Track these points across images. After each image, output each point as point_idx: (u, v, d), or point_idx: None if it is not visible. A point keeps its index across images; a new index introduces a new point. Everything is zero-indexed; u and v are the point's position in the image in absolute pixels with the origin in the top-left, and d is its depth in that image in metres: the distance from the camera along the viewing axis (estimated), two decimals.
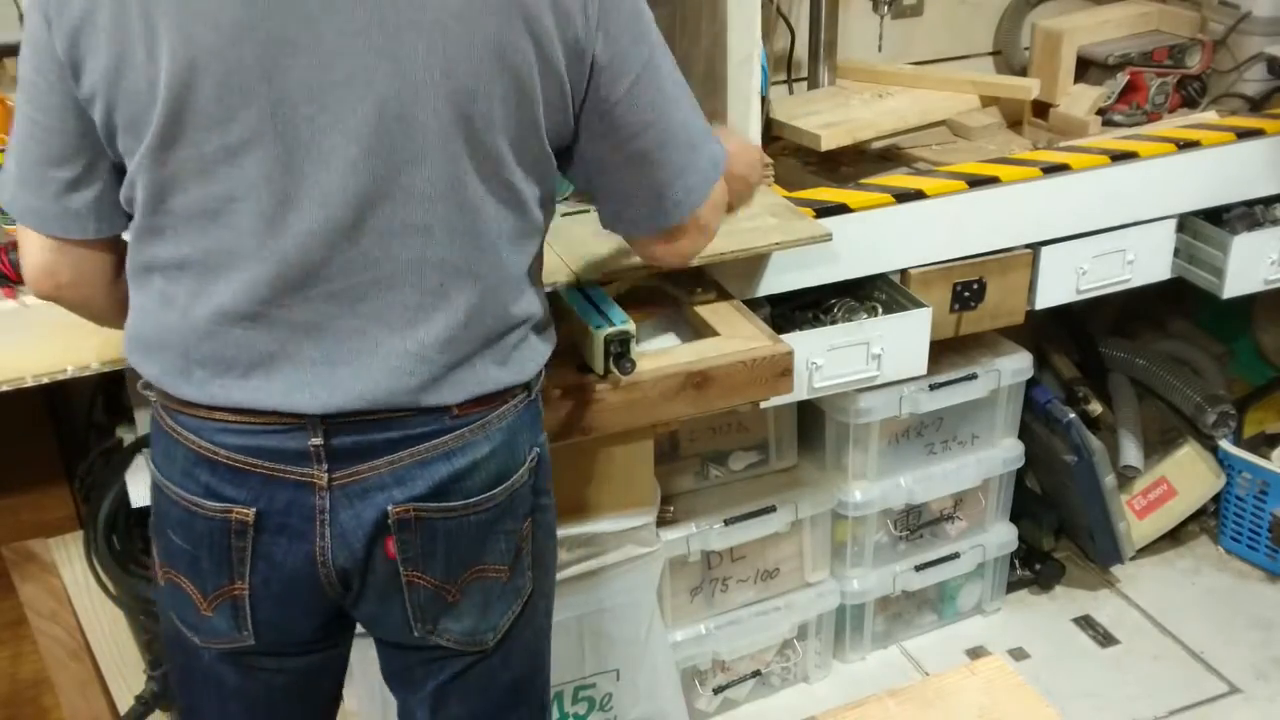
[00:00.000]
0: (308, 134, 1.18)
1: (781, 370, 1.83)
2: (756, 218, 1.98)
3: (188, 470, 1.30)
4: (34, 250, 1.31)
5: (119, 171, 1.27)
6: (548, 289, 1.75)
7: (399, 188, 1.21)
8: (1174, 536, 2.90)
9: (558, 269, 1.83)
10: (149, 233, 1.26)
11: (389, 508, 1.28)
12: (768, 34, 2.38)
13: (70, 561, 1.97)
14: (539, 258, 1.38)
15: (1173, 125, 2.49)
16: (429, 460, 1.29)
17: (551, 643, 1.56)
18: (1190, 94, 2.62)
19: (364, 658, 1.59)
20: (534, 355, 1.37)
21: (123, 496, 1.81)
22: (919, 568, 2.56)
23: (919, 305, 2.18)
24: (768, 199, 2.06)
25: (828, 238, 1.99)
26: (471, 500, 1.32)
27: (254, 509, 1.28)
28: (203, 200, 1.21)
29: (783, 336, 1.90)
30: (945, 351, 2.37)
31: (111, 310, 1.37)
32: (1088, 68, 2.57)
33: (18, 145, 1.27)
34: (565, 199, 2.01)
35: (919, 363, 2.22)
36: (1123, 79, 2.54)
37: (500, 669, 1.45)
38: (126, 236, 1.31)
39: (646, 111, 1.31)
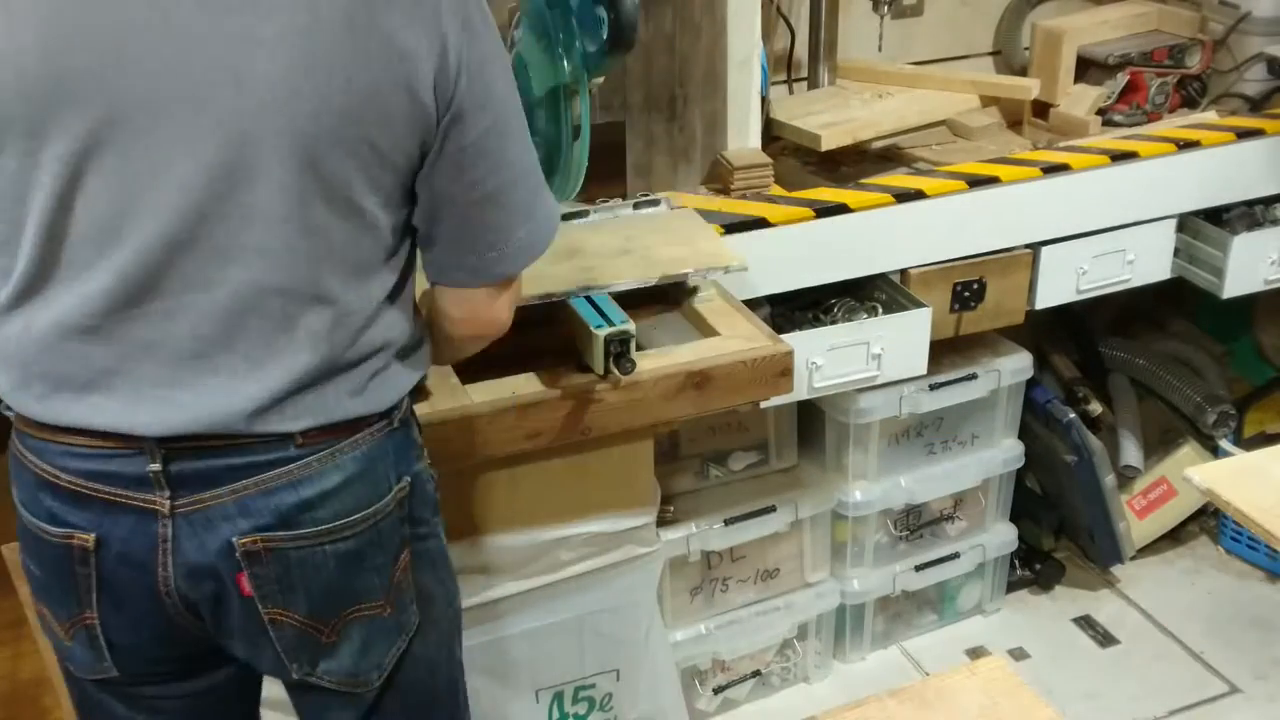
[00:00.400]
0: (142, 146, 1.12)
1: (781, 370, 1.83)
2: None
3: (34, 495, 1.26)
4: None
5: None
6: (548, 293, 1.76)
7: (237, 206, 1.15)
8: (1174, 536, 2.90)
9: (558, 271, 1.82)
10: None
11: (234, 539, 1.22)
12: (768, 34, 2.38)
13: None
14: (403, 284, 1.30)
15: (1173, 125, 2.49)
16: (273, 489, 1.22)
17: (461, 671, 1.51)
18: (1190, 94, 2.62)
19: None
20: (394, 385, 1.30)
21: None
22: (919, 568, 2.55)
23: (919, 305, 2.18)
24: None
25: (743, 268, 1.91)
26: (324, 528, 1.25)
27: (94, 535, 1.23)
28: (39, 210, 1.14)
29: (783, 336, 1.90)
30: (945, 351, 2.37)
31: None
32: (1088, 68, 2.57)
33: None
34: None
35: (919, 363, 2.22)
36: (1123, 79, 2.54)
37: (393, 711, 1.40)
38: None
39: (498, 155, 1.25)
